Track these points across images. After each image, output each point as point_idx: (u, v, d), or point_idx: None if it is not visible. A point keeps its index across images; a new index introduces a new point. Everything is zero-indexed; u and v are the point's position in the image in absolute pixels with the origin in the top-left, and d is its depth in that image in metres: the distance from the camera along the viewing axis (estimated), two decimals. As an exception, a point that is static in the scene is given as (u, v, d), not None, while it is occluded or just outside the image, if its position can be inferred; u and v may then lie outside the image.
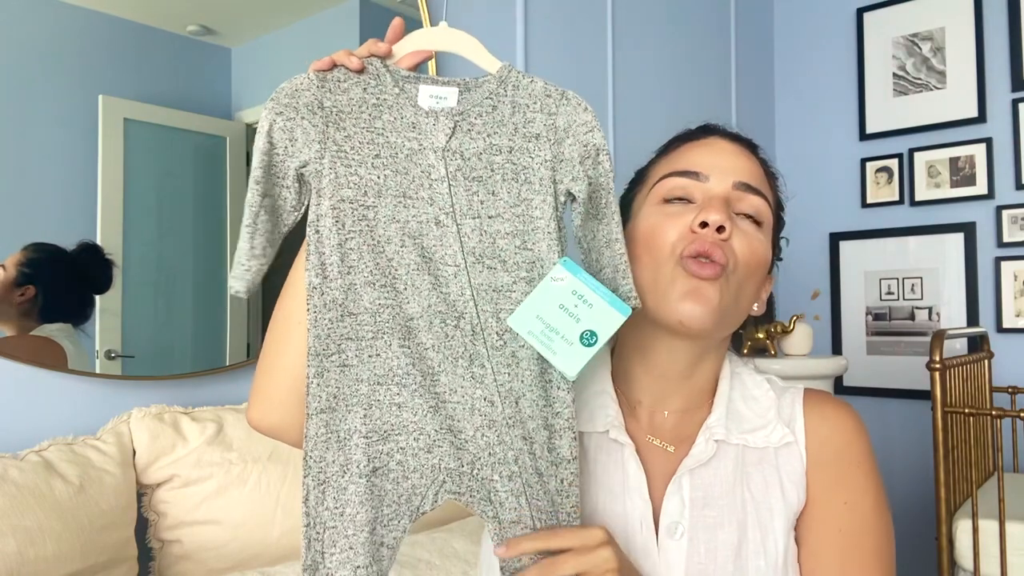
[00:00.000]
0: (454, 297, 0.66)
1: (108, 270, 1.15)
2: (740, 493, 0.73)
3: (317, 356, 0.65)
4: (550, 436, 0.66)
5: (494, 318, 0.66)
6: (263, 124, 0.67)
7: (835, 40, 2.92)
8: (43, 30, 1.09)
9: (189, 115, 1.25)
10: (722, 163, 0.75)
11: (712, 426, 0.75)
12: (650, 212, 0.76)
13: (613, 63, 2.10)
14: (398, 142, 0.69)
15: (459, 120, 0.69)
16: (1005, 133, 2.57)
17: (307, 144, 0.68)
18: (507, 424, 0.65)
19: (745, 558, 0.71)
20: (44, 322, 1.10)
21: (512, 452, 0.65)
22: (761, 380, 0.81)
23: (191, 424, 1.12)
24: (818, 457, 0.76)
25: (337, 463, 0.64)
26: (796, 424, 0.77)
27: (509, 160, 0.69)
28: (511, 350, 0.66)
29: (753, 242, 0.74)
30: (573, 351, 0.65)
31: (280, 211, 0.69)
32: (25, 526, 0.87)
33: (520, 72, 0.72)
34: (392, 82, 0.70)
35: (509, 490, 0.65)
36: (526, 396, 0.66)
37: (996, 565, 1.76)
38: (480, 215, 0.68)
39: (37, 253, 1.09)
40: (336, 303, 0.66)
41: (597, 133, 0.69)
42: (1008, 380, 2.48)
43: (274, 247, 0.69)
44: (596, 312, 0.66)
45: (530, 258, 0.67)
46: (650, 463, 0.75)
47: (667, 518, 0.71)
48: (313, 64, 0.70)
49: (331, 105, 0.69)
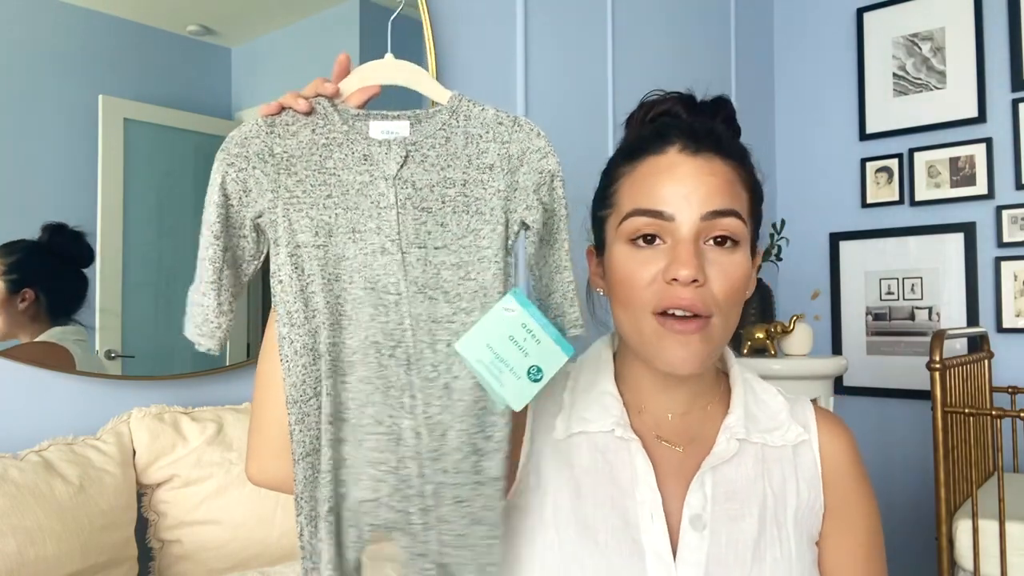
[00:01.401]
0: (392, 326, 0.67)
1: (83, 243, 1.13)
2: (761, 487, 0.76)
3: (295, 403, 0.66)
4: (479, 460, 0.66)
5: (430, 348, 0.66)
6: (215, 176, 0.67)
7: (835, 40, 2.92)
8: (43, 30, 1.09)
9: (189, 115, 1.25)
10: (686, 191, 0.73)
11: (732, 426, 0.78)
12: (621, 252, 0.76)
13: (613, 63, 2.10)
14: (349, 178, 0.69)
15: (412, 150, 0.69)
16: (1005, 133, 2.57)
17: (260, 194, 0.68)
18: (430, 457, 0.65)
19: (763, 549, 0.73)
20: (53, 321, 1.10)
21: (431, 486, 0.65)
22: (768, 386, 0.84)
23: (191, 424, 1.12)
24: (832, 471, 0.80)
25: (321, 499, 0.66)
26: (810, 428, 0.81)
27: (462, 193, 0.69)
28: (444, 381, 0.66)
29: (729, 269, 0.74)
30: (520, 385, 0.65)
31: (240, 261, 0.69)
32: (25, 526, 0.87)
33: (471, 101, 0.71)
34: (341, 120, 0.70)
35: (423, 524, 0.65)
36: (455, 428, 0.66)
37: (996, 565, 1.76)
38: (426, 245, 0.68)
39: (14, 255, 1.07)
40: (306, 348, 0.66)
41: (551, 159, 0.69)
42: (1008, 380, 2.48)
43: (236, 300, 0.70)
44: (543, 349, 0.66)
45: (473, 288, 0.68)
46: (658, 460, 0.76)
47: (690, 510, 0.73)
48: (261, 109, 0.69)
49: (281, 151, 0.69)
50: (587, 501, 0.74)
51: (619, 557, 0.71)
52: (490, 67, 1.74)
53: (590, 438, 0.77)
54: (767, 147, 3.01)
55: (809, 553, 0.76)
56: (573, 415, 0.79)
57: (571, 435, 0.78)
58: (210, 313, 0.68)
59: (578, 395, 0.80)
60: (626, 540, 0.72)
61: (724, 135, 0.79)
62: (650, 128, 0.80)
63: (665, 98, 0.83)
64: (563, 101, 1.94)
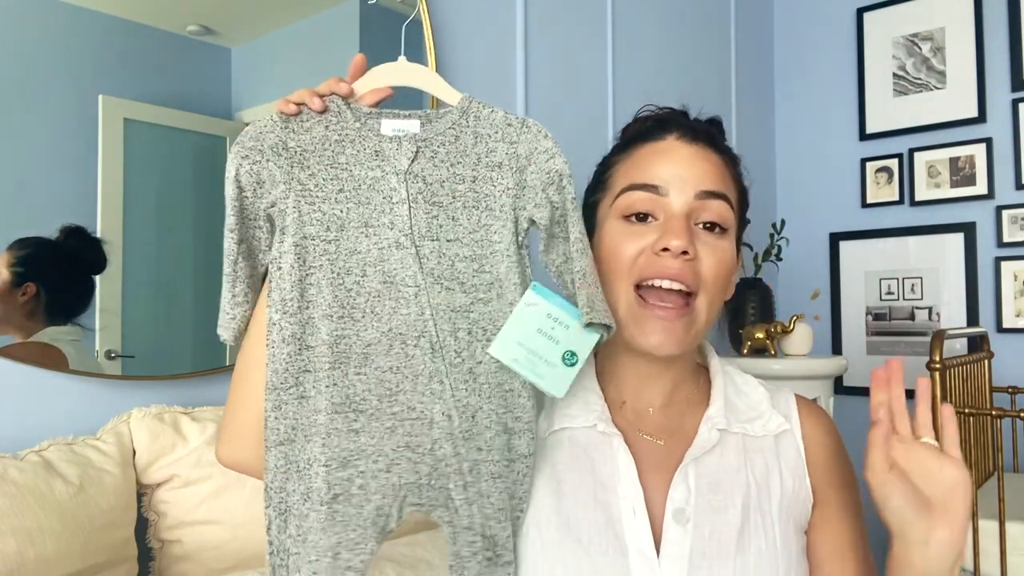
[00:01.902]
0: (414, 317, 0.68)
1: (99, 249, 1.14)
2: (744, 478, 0.76)
3: (274, 390, 0.67)
4: (509, 438, 0.69)
5: (452, 336, 0.69)
6: (230, 170, 0.69)
7: (835, 40, 2.92)
8: (43, 30, 1.09)
9: (189, 115, 1.25)
10: (681, 172, 0.75)
11: (713, 416, 0.78)
12: (612, 228, 0.78)
13: (612, 64, 2.10)
14: (361, 174, 0.70)
15: (422, 146, 0.71)
16: (1005, 133, 2.57)
17: (273, 185, 0.69)
18: (463, 437, 0.68)
19: (747, 540, 0.73)
20: (50, 320, 1.10)
21: (467, 463, 0.68)
22: (749, 378, 0.85)
23: (191, 424, 1.12)
24: (816, 458, 0.80)
25: (298, 492, 0.66)
26: (792, 418, 0.82)
27: (472, 189, 0.71)
28: (468, 367, 0.69)
29: (718, 253, 0.76)
30: (557, 372, 0.68)
31: (256, 252, 0.71)
32: (25, 526, 0.87)
33: (480, 103, 0.73)
34: (353, 118, 0.71)
35: (464, 499, 0.68)
36: (483, 409, 0.69)
37: (996, 565, 1.76)
38: (439, 238, 0.70)
39: (25, 249, 1.07)
40: (294, 337, 0.67)
41: (559, 159, 0.71)
42: (1008, 380, 2.48)
43: (256, 291, 0.71)
44: (573, 332, 0.69)
45: (488, 280, 0.70)
46: (640, 454, 0.76)
47: (673, 505, 0.73)
48: (278, 105, 0.71)
49: (295, 145, 0.70)
50: (569, 499, 0.74)
51: (602, 555, 0.71)
52: (490, 67, 1.74)
53: (572, 434, 0.78)
54: (767, 147, 3.01)
55: (796, 542, 0.76)
56: (555, 412, 0.79)
57: (553, 432, 0.78)
58: (226, 304, 0.70)
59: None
60: (609, 537, 0.71)
61: (718, 137, 0.81)
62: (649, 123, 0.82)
63: (659, 112, 0.85)
64: (563, 101, 1.94)
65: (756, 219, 3.09)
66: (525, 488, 0.71)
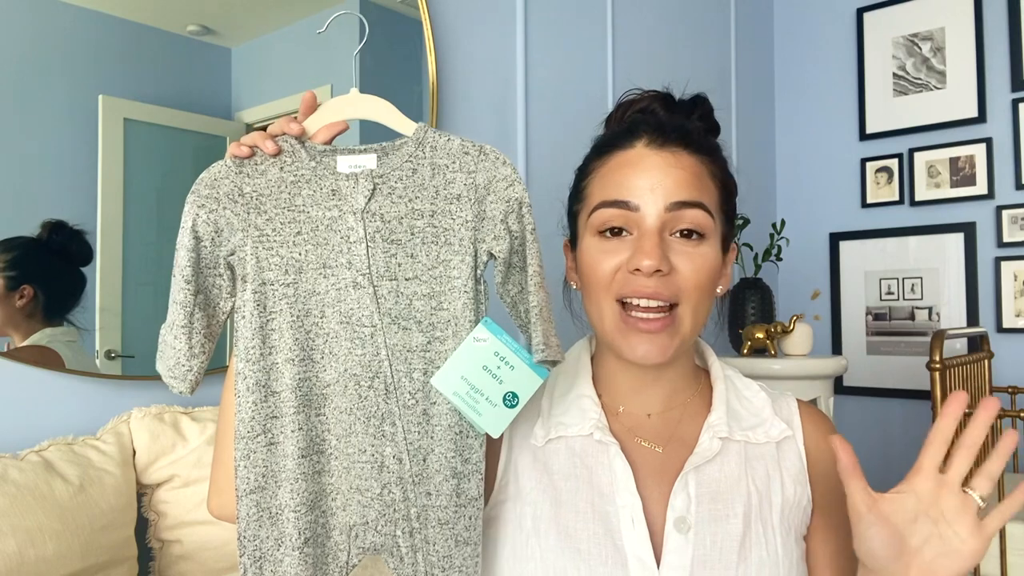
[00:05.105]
0: (370, 358, 0.68)
1: (84, 241, 1.13)
2: (745, 486, 0.75)
3: (243, 439, 0.67)
4: (458, 483, 0.68)
5: (407, 377, 0.68)
6: (186, 220, 0.68)
7: (835, 40, 2.93)
8: (43, 30, 1.09)
9: (189, 115, 1.25)
10: (652, 183, 0.74)
11: (714, 424, 0.77)
12: (589, 244, 0.77)
13: (613, 64, 2.10)
14: (318, 214, 0.69)
15: (379, 182, 0.70)
16: (1005, 133, 2.57)
17: (231, 232, 0.69)
18: (413, 481, 0.67)
19: (749, 548, 0.72)
20: (48, 320, 1.10)
21: (415, 509, 0.67)
22: (750, 382, 0.84)
23: (191, 424, 1.12)
24: (818, 465, 0.79)
25: (271, 538, 0.67)
26: (794, 423, 0.80)
27: (430, 224, 0.70)
28: (423, 408, 0.68)
29: (696, 260, 0.74)
30: (497, 412, 0.67)
31: (216, 300, 0.69)
32: (25, 526, 0.87)
33: (436, 131, 0.72)
34: (308, 157, 0.71)
35: (409, 546, 0.68)
36: (435, 452, 0.68)
37: (996, 565, 1.76)
38: (397, 277, 0.69)
39: (13, 250, 1.06)
40: (259, 385, 0.67)
41: (518, 186, 0.70)
42: (1008, 380, 2.48)
43: (213, 340, 0.70)
44: (517, 374, 0.68)
45: (445, 318, 0.69)
46: (638, 461, 0.76)
47: (674, 513, 0.72)
48: (231, 150, 0.70)
49: (251, 191, 0.69)
50: (567, 509, 0.73)
51: (602, 565, 0.70)
52: (490, 67, 1.74)
53: (568, 443, 0.77)
54: (767, 147, 3.01)
55: (796, 549, 0.76)
56: (552, 420, 0.78)
57: (549, 441, 0.77)
58: (181, 357, 0.67)
59: (556, 400, 0.80)
60: (608, 547, 0.71)
61: (694, 130, 0.79)
62: (622, 125, 0.82)
63: (642, 96, 0.85)
64: (563, 101, 1.94)
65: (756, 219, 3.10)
66: (476, 535, 0.68)
